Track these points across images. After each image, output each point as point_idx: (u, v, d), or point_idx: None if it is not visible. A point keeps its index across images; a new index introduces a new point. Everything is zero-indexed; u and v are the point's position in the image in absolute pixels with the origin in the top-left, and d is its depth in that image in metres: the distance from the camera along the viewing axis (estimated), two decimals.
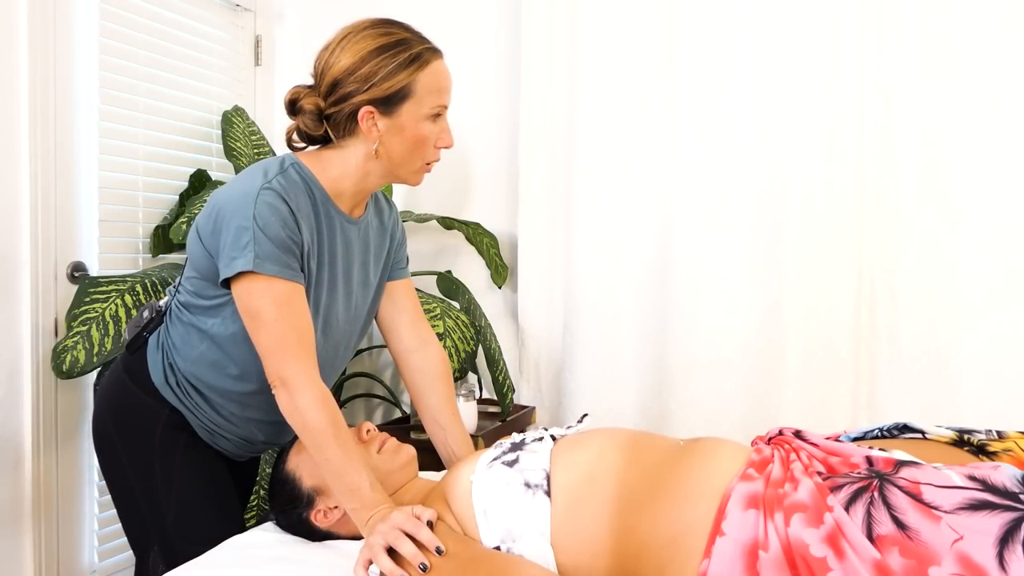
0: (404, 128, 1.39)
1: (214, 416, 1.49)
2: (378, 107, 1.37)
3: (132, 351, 1.53)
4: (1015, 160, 1.94)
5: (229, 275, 1.32)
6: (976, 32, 1.96)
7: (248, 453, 1.60)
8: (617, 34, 2.26)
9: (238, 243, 1.30)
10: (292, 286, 1.33)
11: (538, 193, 2.40)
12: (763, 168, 2.13)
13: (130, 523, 1.56)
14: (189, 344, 1.46)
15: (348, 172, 1.43)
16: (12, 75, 1.92)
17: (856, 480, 1.05)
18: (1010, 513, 0.95)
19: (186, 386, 1.48)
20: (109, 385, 1.56)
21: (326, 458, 1.29)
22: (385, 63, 1.35)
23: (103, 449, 1.55)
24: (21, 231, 1.95)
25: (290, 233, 1.33)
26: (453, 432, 1.60)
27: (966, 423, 1.88)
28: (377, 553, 1.16)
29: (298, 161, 1.42)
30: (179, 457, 1.48)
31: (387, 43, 1.36)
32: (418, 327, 1.64)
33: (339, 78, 1.36)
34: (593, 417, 2.22)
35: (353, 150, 1.42)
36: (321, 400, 1.30)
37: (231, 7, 2.56)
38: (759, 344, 2.15)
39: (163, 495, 1.48)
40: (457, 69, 2.60)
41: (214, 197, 1.38)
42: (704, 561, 1.05)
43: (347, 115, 1.37)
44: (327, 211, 1.43)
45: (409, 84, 1.37)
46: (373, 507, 1.26)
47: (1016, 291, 1.95)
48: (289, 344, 1.30)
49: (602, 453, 1.22)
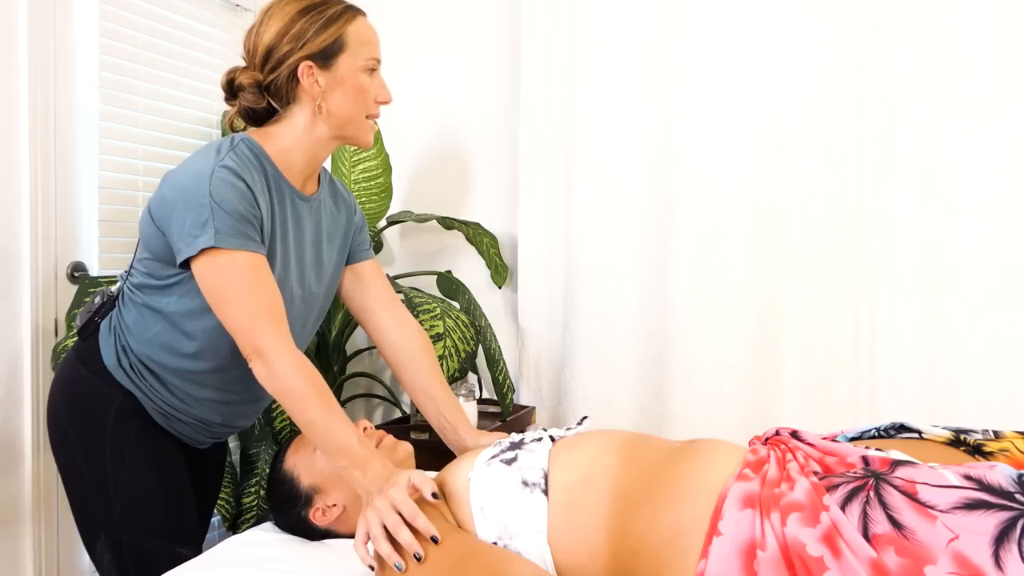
0: (344, 80, 1.42)
1: (169, 398, 1.48)
2: (316, 61, 1.39)
3: (84, 337, 1.52)
4: (1015, 161, 1.94)
5: (192, 254, 1.31)
6: (976, 34, 1.96)
7: (207, 438, 1.58)
8: (617, 34, 2.26)
9: (197, 221, 1.30)
10: (255, 257, 1.33)
11: (538, 193, 2.40)
12: (763, 168, 2.13)
13: (79, 512, 1.53)
14: (143, 325, 1.45)
15: (296, 139, 1.44)
16: (12, 75, 1.92)
17: (852, 480, 1.05)
18: (1006, 512, 0.95)
19: (140, 368, 1.46)
20: (61, 373, 1.54)
21: (310, 420, 1.28)
22: (314, 19, 1.39)
23: (56, 437, 1.53)
24: (21, 231, 1.95)
25: (248, 207, 1.33)
26: (444, 401, 1.58)
27: (965, 423, 1.88)
28: (377, 536, 1.16)
29: (248, 137, 1.42)
30: (131, 444, 1.47)
31: (311, 4, 1.40)
32: (392, 305, 1.63)
33: (272, 44, 1.39)
34: (593, 417, 2.22)
35: (297, 116, 1.43)
36: (298, 364, 1.29)
37: (231, 7, 2.57)
38: (759, 344, 2.15)
39: (111, 484, 1.46)
40: (457, 69, 2.63)
41: (167, 179, 1.38)
42: (701, 561, 1.05)
43: (287, 77, 1.40)
44: (278, 186, 1.43)
45: (341, 36, 1.40)
46: (364, 463, 1.25)
47: (1016, 291, 1.95)
48: (258, 314, 1.30)
49: (599, 453, 1.22)
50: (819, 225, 2.10)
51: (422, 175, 2.66)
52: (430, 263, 2.65)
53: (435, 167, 2.64)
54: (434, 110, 2.61)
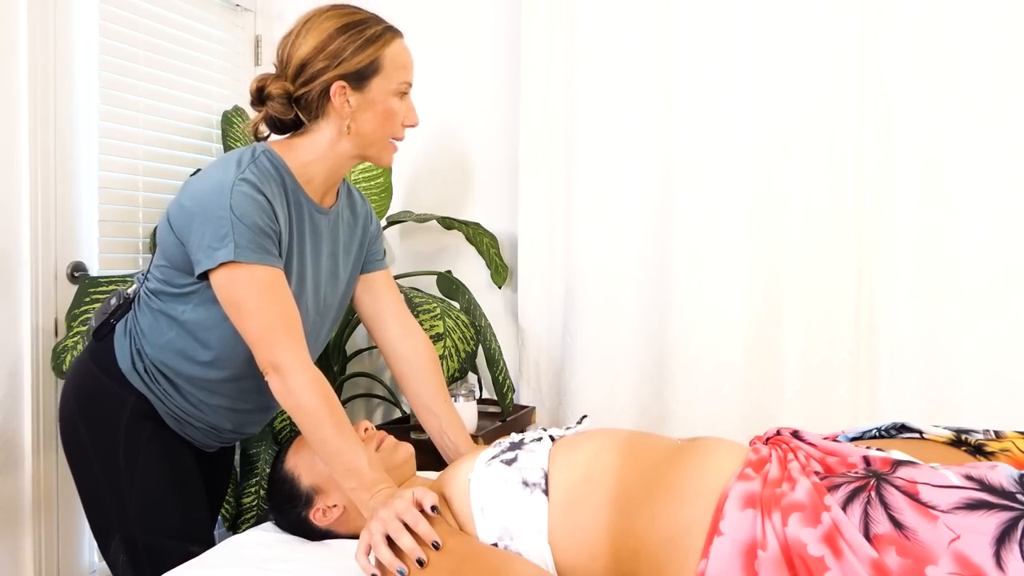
0: (375, 103, 1.41)
1: (182, 403, 1.48)
2: (349, 82, 1.38)
3: (99, 338, 1.52)
4: (1015, 161, 1.94)
5: (211, 267, 1.31)
6: (976, 33, 1.96)
7: (216, 443, 1.59)
8: (617, 34, 2.26)
9: (217, 234, 1.30)
10: (274, 272, 1.33)
11: (538, 193, 2.40)
12: (763, 168, 2.13)
13: (93, 512, 1.54)
14: (158, 331, 1.45)
15: (319, 154, 1.43)
16: (12, 75, 1.92)
17: (853, 480, 1.05)
18: (1007, 512, 0.95)
19: (154, 372, 1.47)
20: (75, 373, 1.54)
21: (322, 439, 1.29)
22: (353, 39, 1.38)
23: (69, 437, 1.53)
24: (21, 231, 1.95)
25: (268, 221, 1.33)
26: (448, 419, 1.59)
27: (965, 423, 1.88)
28: (377, 543, 1.16)
29: (269, 149, 1.42)
30: (144, 446, 1.47)
31: (351, 22, 1.39)
32: (402, 317, 1.63)
33: (307, 58, 1.37)
34: (593, 417, 2.22)
35: (323, 131, 1.42)
36: (314, 382, 1.30)
37: (231, 7, 2.56)
38: (759, 344, 2.15)
39: (126, 484, 1.47)
40: (457, 69, 2.63)
41: (187, 188, 1.38)
42: (702, 561, 1.05)
43: (319, 93, 1.39)
44: (297, 199, 1.43)
45: (378, 59, 1.40)
46: (373, 486, 1.27)
47: (1016, 291, 1.95)
48: (276, 329, 1.31)
49: (599, 453, 1.22)
50: (819, 225, 2.10)
51: (422, 175, 2.66)
52: (430, 263, 2.65)
53: (435, 167, 2.64)
54: (434, 110, 2.61)
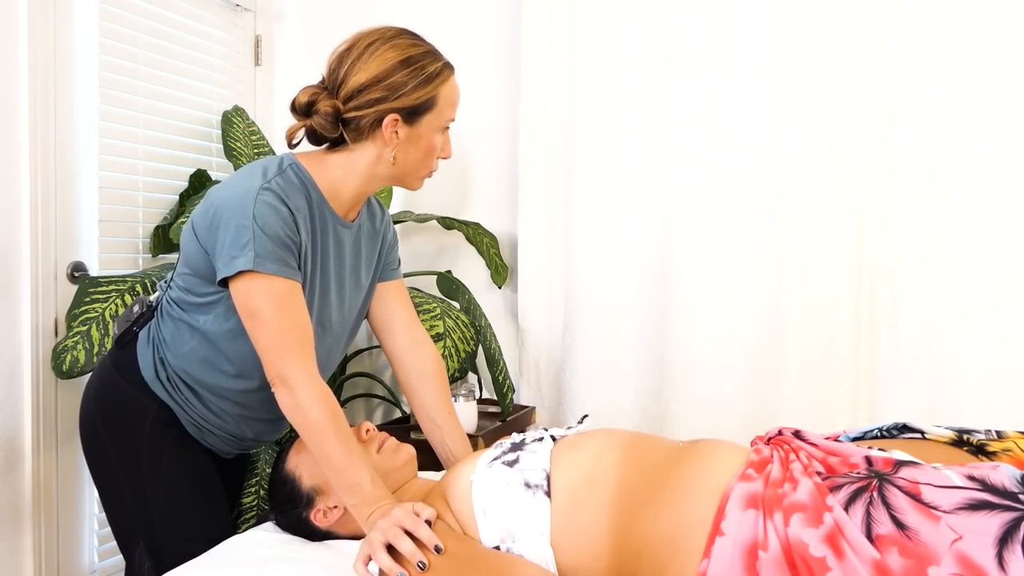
0: (421, 137, 1.42)
1: (204, 412, 1.49)
2: (403, 116, 1.38)
3: (121, 346, 1.52)
4: (1015, 160, 1.94)
5: (229, 274, 1.32)
6: (976, 33, 1.96)
7: (236, 450, 1.60)
8: (617, 34, 2.26)
9: (238, 242, 1.30)
10: (291, 284, 1.34)
11: (538, 193, 2.40)
12: (763, 168, 2.13)
13: (117, 519, 1.55)
14: (180, 340, 1.46)
15: (353, 174, 1.43)
16: (12, 75, 1.92)
17: (855, 480, 1.05)
18: (1009, 513, 0.95)
19: (176, 381, 1.47)
20: (97, 380, 1.55)
21: (327, 455, 1.29)
22: (414, 75, 1.38)
23: (91, 445, 1.55)
24: (21, 231, 1.95)
25: (289, 232, 1.34)
26: (450, 431, 1.60)
27: (966, 423, 1.88)
28: (376, 550, 1.16)
29: (297, 162, 1.42)
30: (167, 453, 1.48)
31: (415, 55, 1.39)
32: (412, 327, 1.64)
33: (365, 85, 1.36)
34: (593, 417, 2.21)
35: (363, 153, 1.42)
36: (322, 397, 1.30)
37: (231, 7, 2.56)
38: (759, 344, 2.15)
39: (150, 491, 1.47)
40: (457, 69, 2.61)
41: (211, 195, 1.38)
42: (704, 561, 1.05)
43: (371, 121, 1.38)
44: (322, 213, 1.43)
45: (435, 97, 1.40)
46: (374, 503, 1.27)
47: (1016, 291, 1.95)
48: (288, 342, 1.31)
49: (601, 453, 1.22)
50: (819, 224, 2.10)
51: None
52: (430, 263, 2.64)
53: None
54: None
